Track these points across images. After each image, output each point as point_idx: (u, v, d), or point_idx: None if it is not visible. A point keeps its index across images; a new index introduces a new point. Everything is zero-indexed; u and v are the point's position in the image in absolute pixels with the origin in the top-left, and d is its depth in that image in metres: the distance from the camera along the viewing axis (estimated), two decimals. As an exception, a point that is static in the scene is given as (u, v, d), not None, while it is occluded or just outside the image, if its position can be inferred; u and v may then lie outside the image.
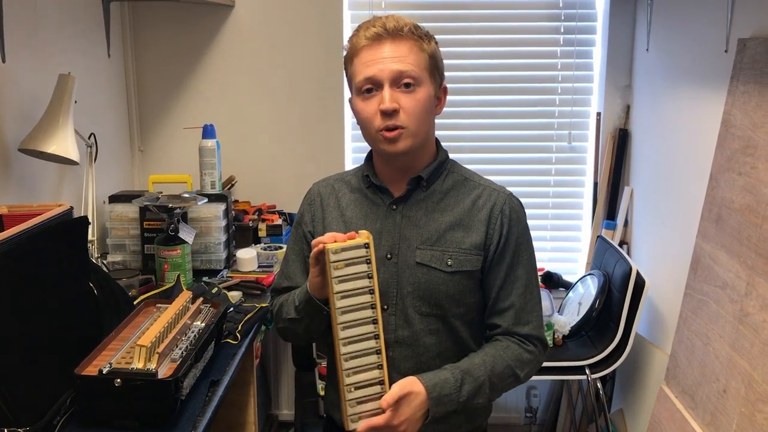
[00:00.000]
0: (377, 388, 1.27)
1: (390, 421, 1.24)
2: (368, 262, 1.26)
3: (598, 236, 2.83)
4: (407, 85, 1.30)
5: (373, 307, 1.27)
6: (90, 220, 2.16)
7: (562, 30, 2.86)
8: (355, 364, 1.26)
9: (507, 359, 1.36)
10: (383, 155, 1.38)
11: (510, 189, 1.44)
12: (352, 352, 1.26)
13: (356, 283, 1.26)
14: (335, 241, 1.26)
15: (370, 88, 1.32)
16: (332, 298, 1.25)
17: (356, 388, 1.26)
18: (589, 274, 2.72)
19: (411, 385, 1.27)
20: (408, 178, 1.39)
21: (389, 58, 1.30)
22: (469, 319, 1.41)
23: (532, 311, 1.40)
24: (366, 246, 1.26)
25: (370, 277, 1.27)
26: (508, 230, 1.37)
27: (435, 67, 1.35)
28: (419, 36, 1.33)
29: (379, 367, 1.27)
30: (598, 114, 2.89)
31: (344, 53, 1.38)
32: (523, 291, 1.39)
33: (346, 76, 1.40)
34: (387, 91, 1.30)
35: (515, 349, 1.38)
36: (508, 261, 1.38)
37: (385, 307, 1.37)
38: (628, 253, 2.82)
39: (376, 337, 1.27)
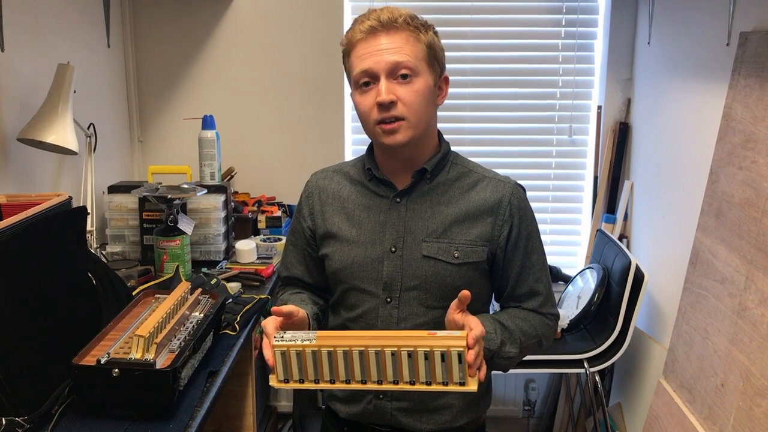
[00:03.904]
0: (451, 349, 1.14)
1: (478, 334, 1.16)
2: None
3: (597, 230, 2.83)
4: (404, 76, 1.29)
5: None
6: (89, 211, 2.16)
7: (563, 23, 2.85)
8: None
9: (530, 320, 1.40)
10: (383, 148, 1.37)
11: (510, 179, 1.44)
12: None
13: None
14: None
15: (367, 81, 1.31)
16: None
17: (439, 383, 1.14)
18: (588, 268, 2.72)
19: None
20: (410, 171, 1.38)
21: (385, 50, 1.29)
22: (473, 310, 1.41)
23: (547, 292, 1.43)
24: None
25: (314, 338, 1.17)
26: (519, 221, 1.38)
27: (433, 57, 1.34)
28: (415, 26, 1.31)
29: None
30: (599, 107, 2.89)
31: (342, 48, 1.38)
32: (539, 275, 1.42)
33: (345, 71, 1.39)
34: (383, 83, 1.29)
35: (534, 316, 1.41)
36: (522, 250, 1.40)
37: (389, 299, 1.37)
38: (628, 247, 2.82)
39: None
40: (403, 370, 1.14)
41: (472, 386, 1.13)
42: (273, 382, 1.18)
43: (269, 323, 1.22)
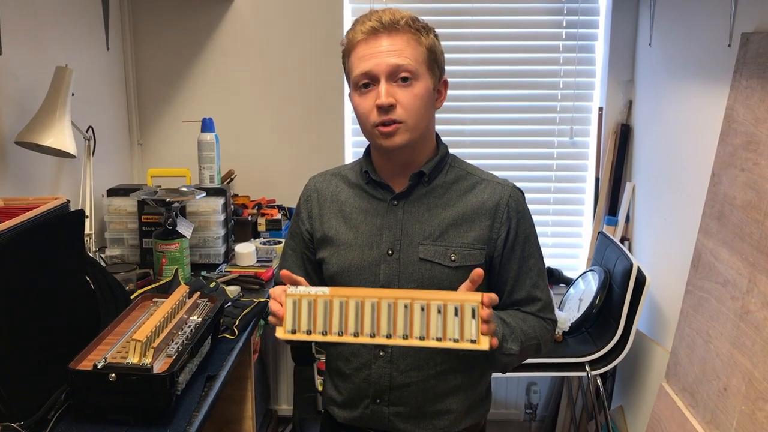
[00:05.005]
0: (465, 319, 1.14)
1: (494, 297, 1.17)
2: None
3: (599, 232, 2.81)
4: (404, 79, 1.28)
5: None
6: (87, 214, 2.16)
7: (564, 24, 2.84)
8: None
9: (529, 321, 1.38)
10: (381, 150, 1.36)
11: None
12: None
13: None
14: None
15: (366, 82, 1.30)
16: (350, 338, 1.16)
17: (450, 340, 1.13)
18: (589, 270, 2.71)
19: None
20: (408, 174, 1.37)
21: (386, 52, 1.28)
22: None
23: (546, 298, 1.42)
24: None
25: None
26: (516, 224, 1.37)
27: (433, 61, 1.33)
28: (417, 29, 1.31)
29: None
30: (600, 109, 2.87)
31: (342, 48, 1.37)
32: (536, 280, 1.40)
33: (344, 71, 1.38)
34: (383, 86, 1.28)
35: (533, 318, 1.39)
36: (519, 254, 1.38)
37: None
38: (630, 250, 2.81)
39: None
40: (414, 325, 1.13)
41: (484, 345, 1.11)
42: (279, 333, 1.18)
43: (277, 288, 1.23)
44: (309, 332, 1.16)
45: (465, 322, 1.11)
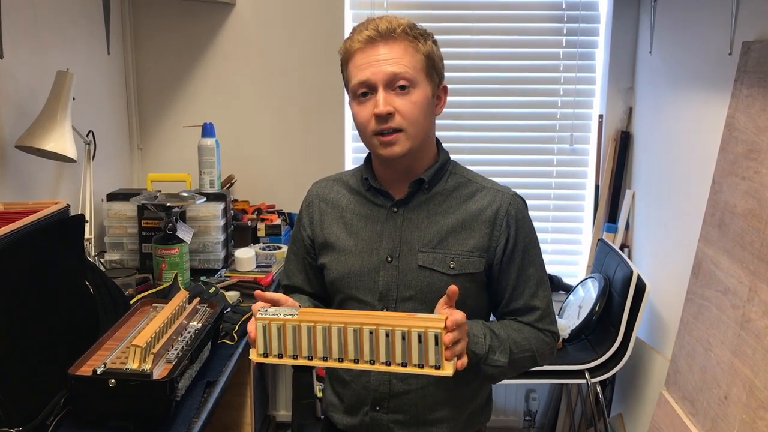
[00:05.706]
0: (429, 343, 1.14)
1: (458, 318, 1.16)
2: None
3: (599, 239, 2.81)
4: (402, 87, 1.28)
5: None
6: (87, 218, 2.15)
7: (564, 31, 2.84)
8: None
9: (524, 332, 1.36)
10: (381, 159, 1.36)
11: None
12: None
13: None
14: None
15: (365, 92, 1.30)
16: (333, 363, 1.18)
17: (414, 365, 1.14)
18: (589, 278, 2.71)
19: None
20: (408, 181, 1.37)
21: (383, 61, 1.28)
22: None
23: (545, 308, 1.40)
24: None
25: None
26: (516, 232, 1.36)
27: (432, 67, 1.33)
28: (414, 36, 1.30)
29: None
30: (600, 116, 2.88)
31: (340, 57, 1.37)
32: (535, 290, 1.39)
33: (343, 80, 1.38)
34: (381, 95, 1.27)
35: (529, 329, 1.38)
36: (518, 262, 1.37)
37: (384, 310, 1.36)
38: (629, 257, 2.81)
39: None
40: (380, 350, 1.14)
41: (448, 370, 1.12)
42: (253, 356, 1.20)
43: (257, 305, 1.24)
44: (280, 356, 1.18)
45: (429, 348, 1.13)
